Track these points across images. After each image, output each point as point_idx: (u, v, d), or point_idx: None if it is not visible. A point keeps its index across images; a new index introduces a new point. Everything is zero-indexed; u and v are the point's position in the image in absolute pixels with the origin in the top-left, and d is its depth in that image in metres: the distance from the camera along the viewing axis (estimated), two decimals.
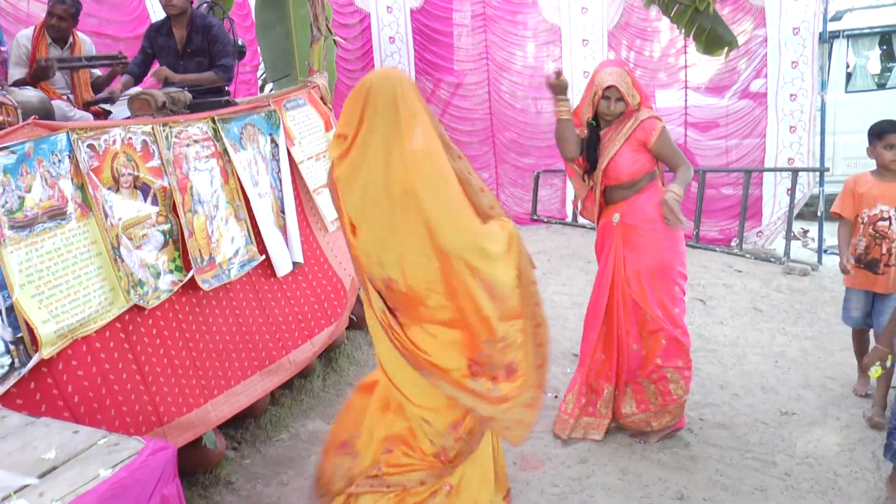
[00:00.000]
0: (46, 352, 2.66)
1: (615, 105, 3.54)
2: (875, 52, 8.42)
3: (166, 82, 4.32)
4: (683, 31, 5.05)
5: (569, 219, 8.35)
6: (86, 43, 4.93)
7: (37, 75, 4.35)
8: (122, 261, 3.04)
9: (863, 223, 3.92)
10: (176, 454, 1.91)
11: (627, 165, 3.55)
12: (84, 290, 2.86)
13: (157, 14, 8.21)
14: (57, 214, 2.82)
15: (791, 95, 6.77)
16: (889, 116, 7.70)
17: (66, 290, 2.79)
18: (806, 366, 4.56)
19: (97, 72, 4.97)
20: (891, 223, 3.83)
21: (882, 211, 3.86)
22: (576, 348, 4.90)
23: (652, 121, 3.51)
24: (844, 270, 3.93)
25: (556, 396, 4.23)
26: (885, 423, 3.58)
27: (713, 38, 4.90)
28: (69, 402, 2.75)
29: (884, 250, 3.86)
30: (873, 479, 3.32)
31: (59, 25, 4.64)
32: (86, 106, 4.53)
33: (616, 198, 3.67)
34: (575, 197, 3.84)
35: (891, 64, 8.27)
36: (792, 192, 6.58)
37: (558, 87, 3.62)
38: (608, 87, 3.51)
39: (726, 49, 4.89)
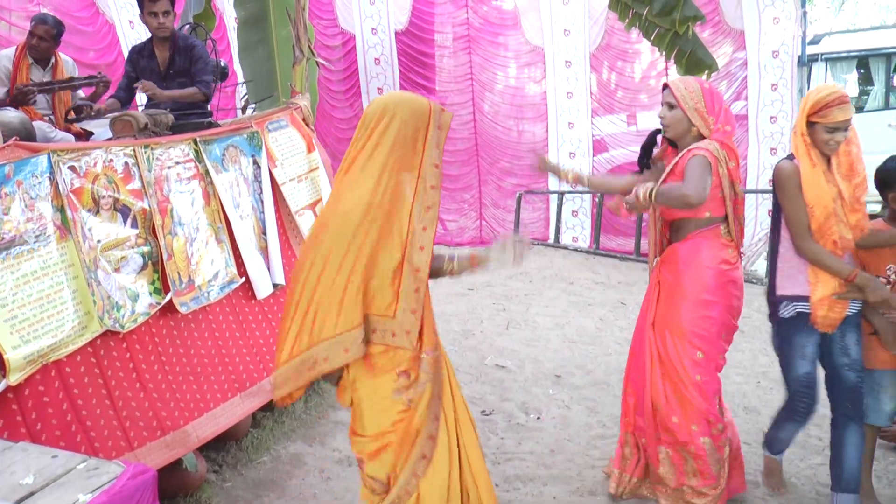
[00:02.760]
0: (14, 378, 2.62)
1: (667, 111, 3.13)
2: (853, 76, 8.56)
3: (151, 99, 4.31)
4: (664, 53, 5.11)
5: (551, 240, 8.38)
6: (68, 64, 4.90)
7: (16, 100, 4.33)
8: (99, 284, 3.01)
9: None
10: (156, 478, 1.89)
11: None
12: (58, 314, 2.82)
13: (127, 42, 8.27)
14: (35, 237, 2.79)
15: (771, 118, 6.87)
16: (867, 140, 7.82)
17: (40, 315, 2.76)
18: None
19: (81, 94, 4.95)
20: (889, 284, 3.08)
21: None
22: (558, 370, 4.92)
23: (695, 150, 3.01)
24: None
25: (538, 418, 4.23)
26: None
27: (693, 61, 4.96)
28: (32, 429, 2.70)
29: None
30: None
31: (40, 46, 4.62)
32: (67, 122, 4.50)
33: (671, 238, 3.29)
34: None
35: (868, 87, 8.41)
36: (773, 213, 6.66)
37: (549, 168, 3.51)
38: (664, 87, 3.18)
39: (706, 72, 4.95)
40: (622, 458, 3.36)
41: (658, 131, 3.31)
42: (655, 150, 3.37)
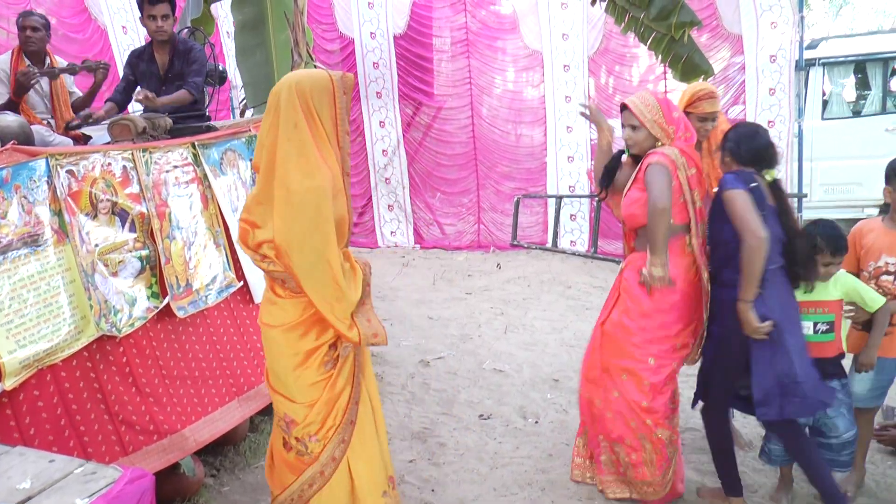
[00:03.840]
0: (9, 383, 2.62)
1: (631, 132, 3.24)
2: (850, 80, 8.56)
3: (147, 107, 4.32)
4: (661, 58, 5.11)
5: (549, 244, 8.39)
6: (63, 64, 4.92)
7: (19, 86, 4.35)
8: (96, 288, 3.01)
9: (870, 278, 3.27)
10: (154, 482, 1.89)
11: (626, 206, 3.26)
12: (54, 318, 2.83)
13: (120, 48, 8.29)
14: (32, 241, 2.79)
15: (769, 122, 6.88)
16: (864, 144, 7.88)
17: (36, 319, 2.76)
18: None
19: (77, 92, 4.96)
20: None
21: (887, 263, 3.22)
22: (556, 374, 4.92)
23: (651, 155, 3.13)
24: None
25: (536, 422, 4.22)
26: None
27: (689, 66, 4.96)
28: (25, 433, 2.70)
29: None
30: (854, 502, 3.33)
31: (34, 37, 4.64)
32: (67, 129, 4.51)
33: (635, 245, 3.35)
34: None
35: (866, 92, 8.42)
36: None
37: (596, 118, 3.59)
38: (622, 108, 3.28)
39: (703, 77, 4.95)
40: (577, 446, 3.60)
41: (622, 152, 3.44)
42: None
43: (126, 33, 8.54)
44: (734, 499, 3.29)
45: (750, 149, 3.05)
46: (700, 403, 3.37)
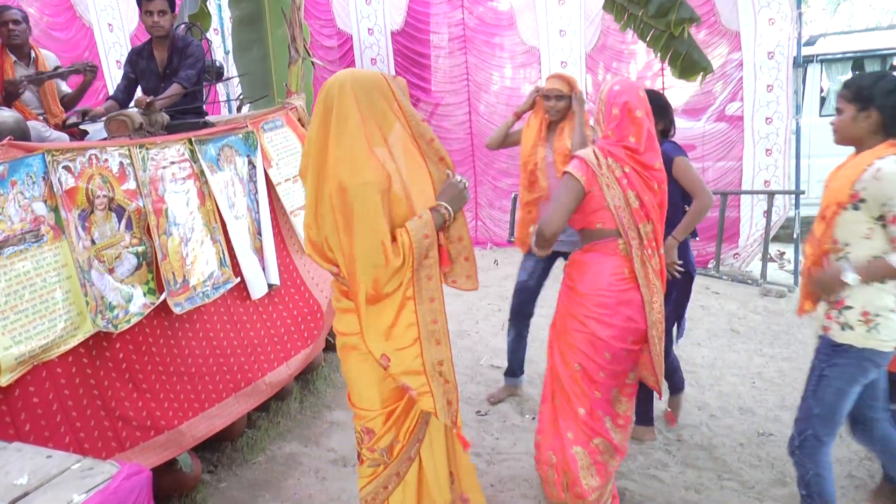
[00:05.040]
0: (4, 379, 2.62)
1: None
2: (848, 77, 8.56)
3: (147, 109, 4.31)
4: (659, 55, 5.11)
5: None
6: (49, 58, 4.91)
7: (8, 94, 4.33)
8: (93, 284, 3.01)
9: None
10: (151, 478, 1.89)
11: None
12: (50, 314, 2.82)
13: (105, 46, 8.27)
14: (29, 237, 2.79)
15: (767, 119, 6.87)
16: None
17: (32, 315, 2.76)
18: (783, 387, 4.59)
19: (66, 89, 4.95)
20: None
21: None
22: None
23: (570, 163, 3.03)
24: None
25: (533, 419, 4.23)
26: None
27: (688, 63, 4.97)
28: (20, 429, 2.70)
29: None
30: (850, 498, 3.35)
31: (17, 30, 4.61)
32: (66, 127, 4.50)
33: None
34: None
35: None
36: (768, 214, 6.67)
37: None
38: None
39: (701, 74, 4.96)
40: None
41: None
42: None
43: (112, 31, 8.51)
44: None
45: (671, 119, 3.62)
46: None
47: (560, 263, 3.80)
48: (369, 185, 2.20)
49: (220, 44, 8.54)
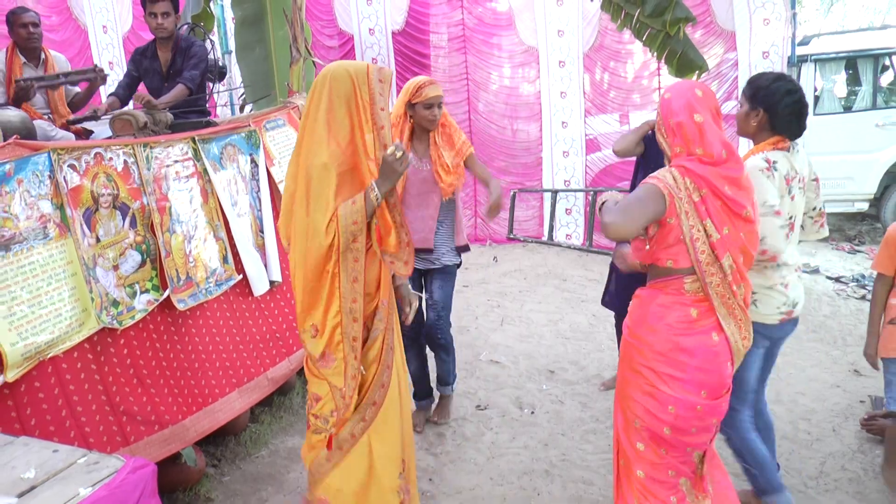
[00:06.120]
0: (11, 375, 2.65)
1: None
2: (841, 76, 8.63)
3: (148, 107, 4.35)
4: (656, 54, 5.16)
5: (545, 238, 8.44)
6: (59, 60, 4.93)
7: (18, 97, 4.36)
8: (98, 281, 3.05)
9: None
10: (156, 472, 1.91)
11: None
12: (56, 310, 2.86)
13: (99, 48, 8.31)
14: (34, 235, 2.83)
15: None
16: (855, 139, 7.95)
17: (38, 312, 2.79)
18: (778, 381, 4.63)
19: (75, 89, 4.98)
20: None
21: None
22: (552, 365, 4.98)
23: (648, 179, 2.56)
24: (872, 363, 3.27)
25: (532, 413, 4.28)
26: None
27: (684, 62, 5.01)
28: (26, 424, 2.73)
29: None
30: (843, 491, 3.40)
31: (35, 34, 4.66)
32: (69, 124, 4.54)
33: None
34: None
35: (856, 88, 8.49)
36: None
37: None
38: None
39: (697, 73, 5.00)
40: None
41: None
42: None
43: (105, 33, 8.55)
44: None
45: None
46: None
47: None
48: (327, 166, 2.48)
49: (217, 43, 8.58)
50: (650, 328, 2.53)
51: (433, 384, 4.24)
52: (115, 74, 7.13)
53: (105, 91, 5.99)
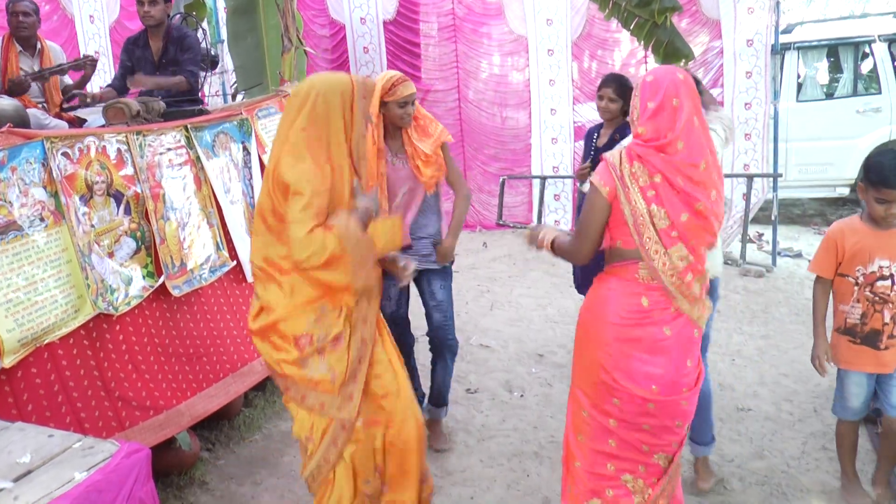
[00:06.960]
0: (7, 361, 2.68)
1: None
2: (823, 64, 8.74)
3: (142, 91, 4.38)
4: (643, 43, 5.20)
5: (534, 223, 8.50)
6: (54, 50, 4.94)
7: (12, 91, 4.37)
8: (93, 268, 3.08)
9: (857, 284, 2.97)
10: (150, 456, 1.95)
11: None
12: (52, 297, 2.89)
13: (85, 38, 8.30)
14: (29, 222, 2.86)
15: (746, 104, 6.99)
16: (837, 125, 8.07)
17: (34, 298, 2.82)
18: (761, 364, 4.72)
19: (68, 80, 4.99)
20: (893, 282, 2.92)
21: (882, 267, 2.92)
22: (541, 349, 5.05)
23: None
24: (821, 367, 3.05)
25: (521, 396, 4.35)
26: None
27: (671, 50, 5.05)
28: (22, 409, 2.76)
29: (886, 319, 2.94)
30: (824, 470, 3.47)
31: (26, 22, 4.65)
32: (61, 111, 4.55)
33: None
34: None
35: (838, 75, 8.60)
36: (747, 197, 6.80)
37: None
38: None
39: (683, 61, 5.05)
40: None
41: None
42: None
43: (92, 22, 8.53)
44: None
45: None
46: None
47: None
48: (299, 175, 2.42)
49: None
50: (597, 316, 2.46)
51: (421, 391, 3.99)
52: (101, 64, 7.10)
53: (96, 80, 5.99)
